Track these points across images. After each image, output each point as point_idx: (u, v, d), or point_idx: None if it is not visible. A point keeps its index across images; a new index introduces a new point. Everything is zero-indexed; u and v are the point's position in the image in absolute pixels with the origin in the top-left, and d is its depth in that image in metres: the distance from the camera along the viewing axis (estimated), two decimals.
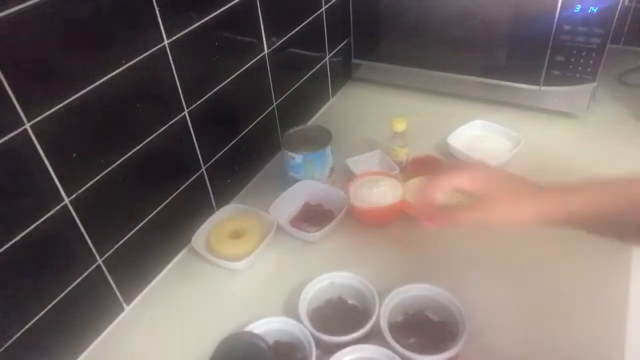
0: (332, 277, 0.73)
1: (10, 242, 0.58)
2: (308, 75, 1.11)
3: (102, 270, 0.71)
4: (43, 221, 0.61)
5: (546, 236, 0.81)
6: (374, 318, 0.66)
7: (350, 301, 0.73)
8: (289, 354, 0.66)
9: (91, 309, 0.72)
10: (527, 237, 0.82)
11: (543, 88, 1.05)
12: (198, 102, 0.80)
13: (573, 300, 0.72)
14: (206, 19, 0.77)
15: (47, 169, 0.60)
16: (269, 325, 0.68)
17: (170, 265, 0.84)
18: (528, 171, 0.94)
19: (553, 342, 0.67)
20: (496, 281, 0.75)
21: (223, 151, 0.90)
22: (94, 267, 0.70)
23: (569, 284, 0.74)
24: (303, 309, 0.69)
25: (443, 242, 0.82)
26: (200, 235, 0.85)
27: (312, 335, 0.66)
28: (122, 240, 0.73)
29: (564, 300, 0.72)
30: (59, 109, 0.59)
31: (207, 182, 0.88)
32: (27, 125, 0.56)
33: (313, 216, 0.88)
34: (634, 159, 0.96)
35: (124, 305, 0.77)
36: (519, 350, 0.67)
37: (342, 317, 0.71)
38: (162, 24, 0.70)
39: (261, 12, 0.89)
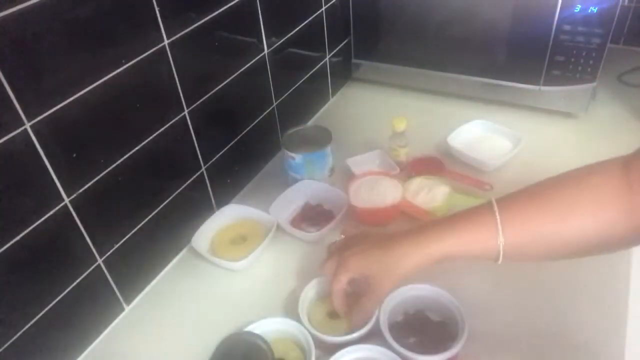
0: None
1: (10, 242, 0.58)
2: (308, 75, 1.11)
3: (102, 270, 0.71)
4: (43, 221, 0.61)
5: None
6: (374, 318, 0.66)
7: None
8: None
9: (91, 309, 0.72)
10: None
11: (543, 88, 1.05)
12: (198, 102, 0.81)
13: (573, 300, 0.72)
14: (206, 19, 0.77)
15: (47, 169, 0.60)
16: (268, 327, 0.68)
17: (170, 265, 0.84)
18: (528, 171, 0.95)
19: (553, 342, 0.67)
20: (496, 281, 0.75)
21: (223, 151, 0.90)
22: (94, 267, 0.70)
23: (569, 284, 0.74)
24: (303, 309, 0.69)
25: None
26: (200, 235, 0.85)
27: (312, 335, 0.66)
28: (122, 240, 0.73)
29: (563, 300, 0.72)
30: (59, 109, 0.59)
31: (207, 182, 0.88)
32: (27, 125, 0.56)
33: (313, 216, 0.88)
34: None
35: (124, 305, 0.77)
36: (519, 350, 0.67)
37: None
38: (162, 24, 0.70)
39: (261, 12, 0.89)
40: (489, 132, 1.02)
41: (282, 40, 0.98)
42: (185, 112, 0.79)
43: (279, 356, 0.65)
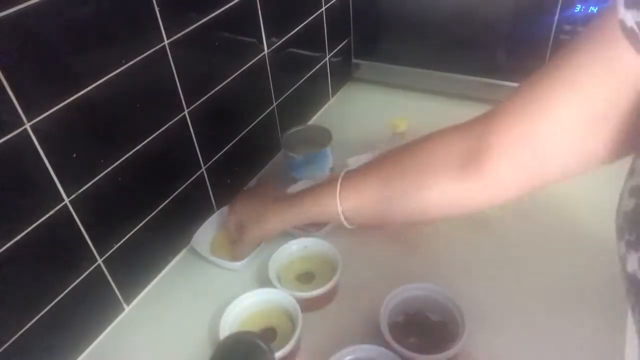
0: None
1: (10, 242, 0.58)
2: (308, 75, 1.11)
3: (102, 270, 0.71)
4: (43, 221, 0.61)
5: (547, 236, 0.81)
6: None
7: None
8: None
9: (91, 309, 0.72)
10: (527, 236, 0.82)
11: None
12: (198, 102, 0.80)
13: (573, 300, 0.72)
14: (206, 19, 0.77)
15: (47, 169, 0.60)
16: (261, 296, 0.72)
17: (170, 265, 0.84)
18: None
19: (553, 342, 0.67)
20: (496, 281, 0.75)
21: (223, 151, 0.90)
22: (94, 267, 0.70)
23: (569, 283, 0.74)
24: (273, 273, 0.74)
25: (443, 242, 0.82)
26: (200, 235, 0.85)
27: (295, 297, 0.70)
28: (122, 240, 0.73)
29: (563, 299, 0.72)
30: (59, 109, 0.59)
31: (207, 182, 0.88)
32: (27, 125, 0.56)
33: None
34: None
35: (124, 305, 0.77)
36: (518, 350, 0.67)
37: None
38: (162, 24, 0.70)
39: (261, 12, 0.89)
40: None
41: (282, 40, 0.98)
42: (185, 112, 0.79)
43: (270, 325, 0.69)
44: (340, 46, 1.20)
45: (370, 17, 1.15)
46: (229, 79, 0.86)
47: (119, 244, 0.73)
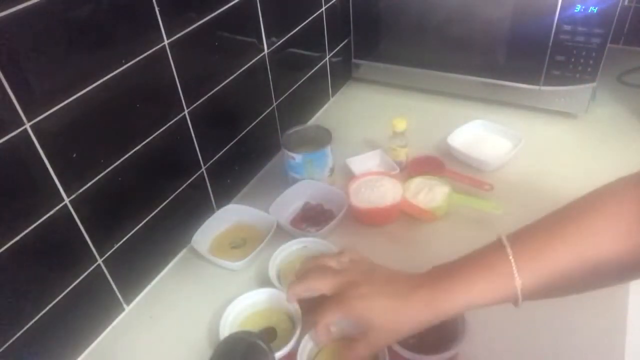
0: None
1: (10, 242, 0.58)
2: (308, 75, 1.11)
3: (102, 270, 0.71)
4: (43, 221, 0.61)
5: None
6: None
7: None
8: None
9: (91, 309, 0.72)
10: None
11: (543, 88, 1.05)
12: (198, 102, 0.81)
13: (573, 300, 0.72)
14: (206, 19, 0.77)
15: (47, 169, 0.60)
16: (262, 295, 0.71)
17: (170, 265, 0.84)
18: (528, 171, 0.95)
19: (553, 342, 0.67)
20: None
21: (223, 151, 0.90)
22: (94, 267, 0.70)
23: None
24: (273, 272, 0.75)
25: (443, 241, 0.82)
26: (201, 235, 0.85)
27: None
28: (122, 240, 0.73)
29: (563, 300, 0.72)
30: (59, 109, 0.59)
31: (207, 182, 0.88)
32: (27, 125, 0.56)
33: (313, 216, 0.88)
34: (634, 159, 0.96)
35: (124, 305, 0.77)
36: (519, 350, 0.67)
37: None
38: (162, 24, 0.70)
39: (261, 12, 0.89)
40: (489, 132, 1.02)
41: (282, 40, 0.98)
42: (185, 112, 0.79)
43: (270, 325, 0.69)
44: (340, 46, 1.20)
45: (370, 17, 1.15)
46: (229, 79, 0.86)
47: (119, 244, 0.73)
